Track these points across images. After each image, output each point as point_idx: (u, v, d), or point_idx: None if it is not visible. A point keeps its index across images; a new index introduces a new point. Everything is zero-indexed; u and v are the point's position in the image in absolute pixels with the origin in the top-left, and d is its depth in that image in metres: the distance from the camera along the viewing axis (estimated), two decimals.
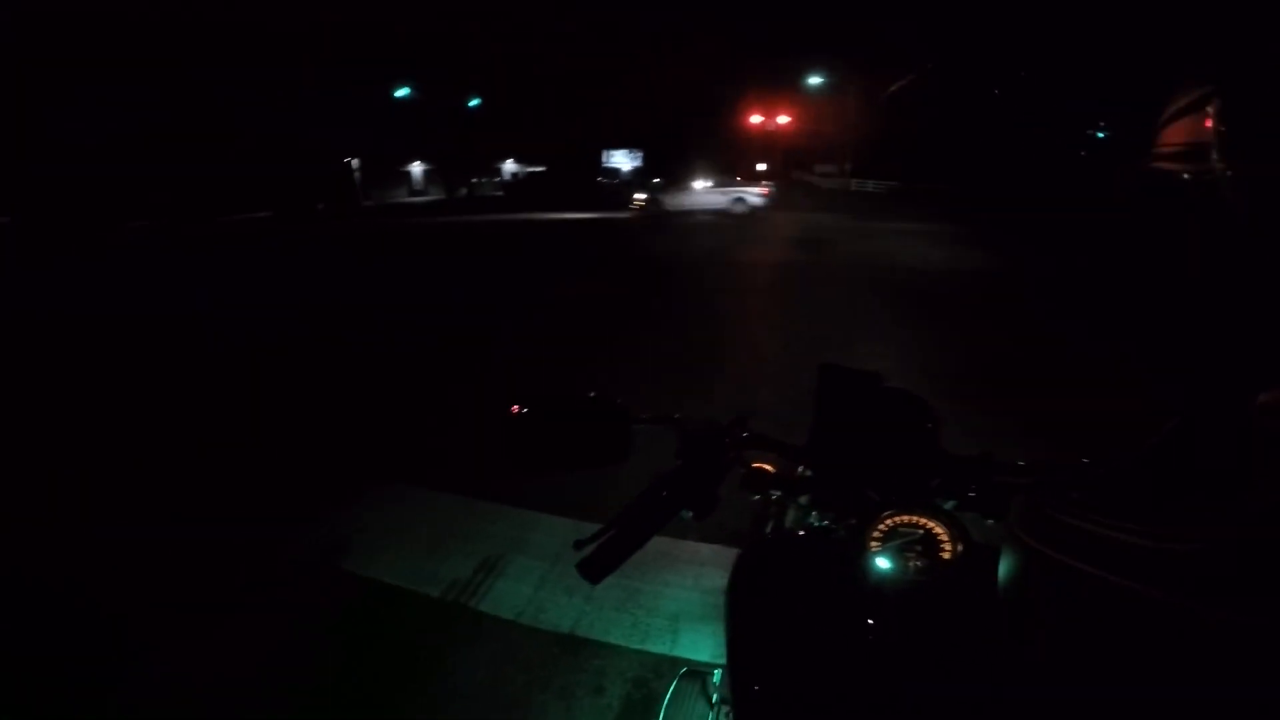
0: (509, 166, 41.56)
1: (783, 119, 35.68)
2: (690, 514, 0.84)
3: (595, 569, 0.78)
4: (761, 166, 36.80)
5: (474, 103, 37.35)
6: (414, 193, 37.32)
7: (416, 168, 37.89)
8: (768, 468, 0.89)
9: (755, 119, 35.79)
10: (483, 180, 39.34)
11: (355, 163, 31.96)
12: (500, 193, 37.49)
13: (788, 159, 38.15)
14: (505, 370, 5.41)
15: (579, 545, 0.80)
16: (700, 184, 21.67)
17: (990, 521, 0.80)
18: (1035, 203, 17.87)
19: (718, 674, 1.40)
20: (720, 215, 19.84)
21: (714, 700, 1.37)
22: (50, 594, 2.59)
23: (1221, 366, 0.55)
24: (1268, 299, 0.50)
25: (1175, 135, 0.57)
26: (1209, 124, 0.52)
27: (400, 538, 2.89)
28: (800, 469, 0.90)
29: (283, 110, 27.06)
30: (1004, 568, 0.55)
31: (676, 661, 2.10)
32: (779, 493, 0.90)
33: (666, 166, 31.99)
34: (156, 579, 2.66)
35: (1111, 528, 0.44)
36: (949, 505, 0.81)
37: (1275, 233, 0.49)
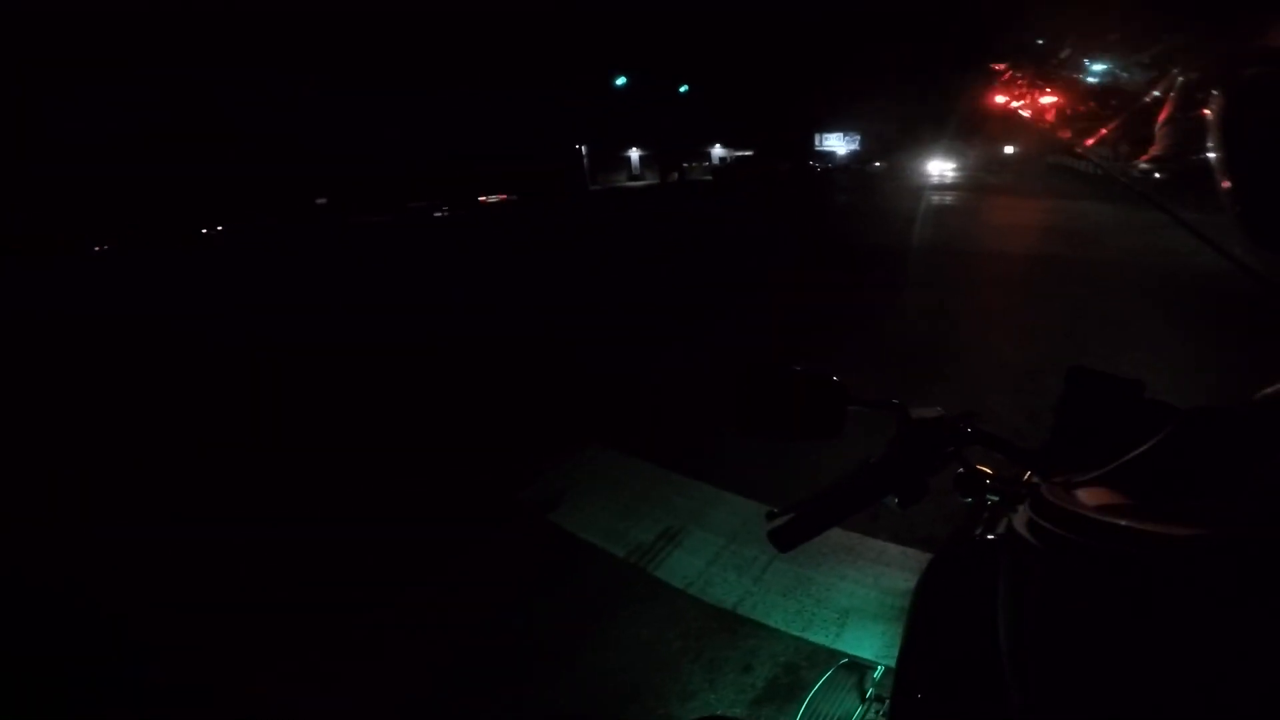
0: (717, 151, 41.85)
1: (1044, 100, 31.32)
2: (896, 500, 0.82)
3: (786, 538, 0.78)
4: (1009, 149, 33.01)
5: (683, 89, 38.11)
6: (632, 177, 39.26)
7: (634, 154, 39.75)
8: (986, 470, 0.85)
9: (1000, 100, 31.95)
10: (693, 165, 40.11)
11: (584, 149, 34.52)
12: (709, 177, 37.96)
13: (1041, 142, 33.57)
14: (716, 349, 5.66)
15: (771, 516, 0.80)
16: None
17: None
18: None
19: (880, 669, 1.40)
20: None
21: (868, 695, 1.37)
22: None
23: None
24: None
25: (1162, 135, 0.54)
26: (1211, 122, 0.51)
27: (600, 498, 3.21)
28: (1027, 476, 0.86)
29: (520, 106, 30.05)
30: (1005, 566, 0.54)
31: (835, 654, 2.09)
32: (995, 498, 0.86)
33: (888, 149, 30.06)
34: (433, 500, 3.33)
35: (1112, 527, 0.44)
36: None
37: (1272, 232, 0.48)
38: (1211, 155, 0.52)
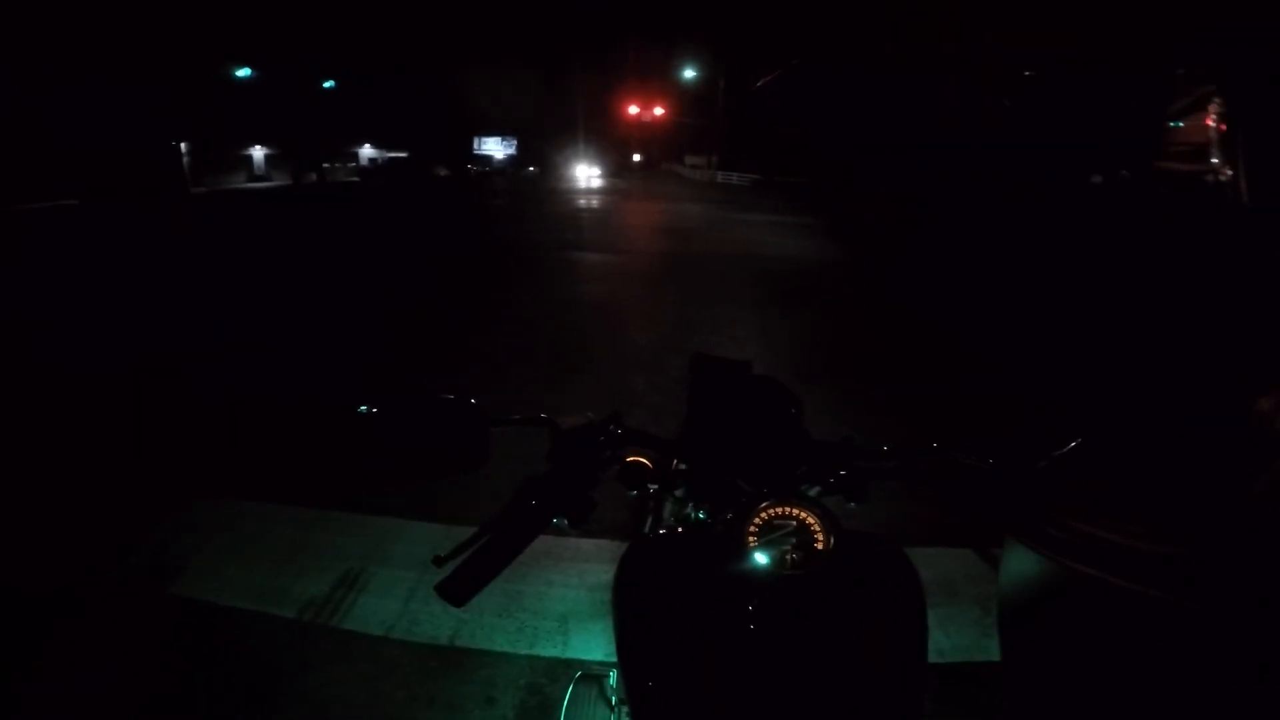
0: (366, 151, 38.88)
1: (657, 111, 36.29)
2: (565, 522, 0.78)
3: (459, 589, 0.70)
4: (637, 157, 37.32)
5: (328, 84, 34.60)
6: (255, 178, 33.78)
7: (258, 151, 34.37)
8: (644, 462, 0.86)
9: (631, 110, 36.03)
10: (335, 165, 36.53)
11: (184, 146, 28.01)
12: (356, 179, 35.03)
13: (662, 152, 38.90)
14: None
15: (439, 561, 0.73)
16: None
17: (852, 505, 0.82)
18: (883, 197, 19.07)
19: (614, 675, 1.35)
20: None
21: (614, 701, 1.34)
22: None
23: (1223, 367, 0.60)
24: (1270, 296, 0.54)
25: (1180, 135, 0.63)
26: (1210, 124, 0.57)
27: (241, 557, 2.53)
28: (675, 462, 0.89)
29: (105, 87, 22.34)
30: (1005, 570, 0.55)
31: (570, 664, 2.00)
32: (656, 486, 0.88)
33: (541, 155, 31.82)
34: None
35: (1111, 530, 0.44)
36: (815, 491, 0.83)
37: (1276, 229, 0.54)
38: (1220, 143, 0.56)
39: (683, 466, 0.88)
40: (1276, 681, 0.36)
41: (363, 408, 0.81)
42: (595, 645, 2.10)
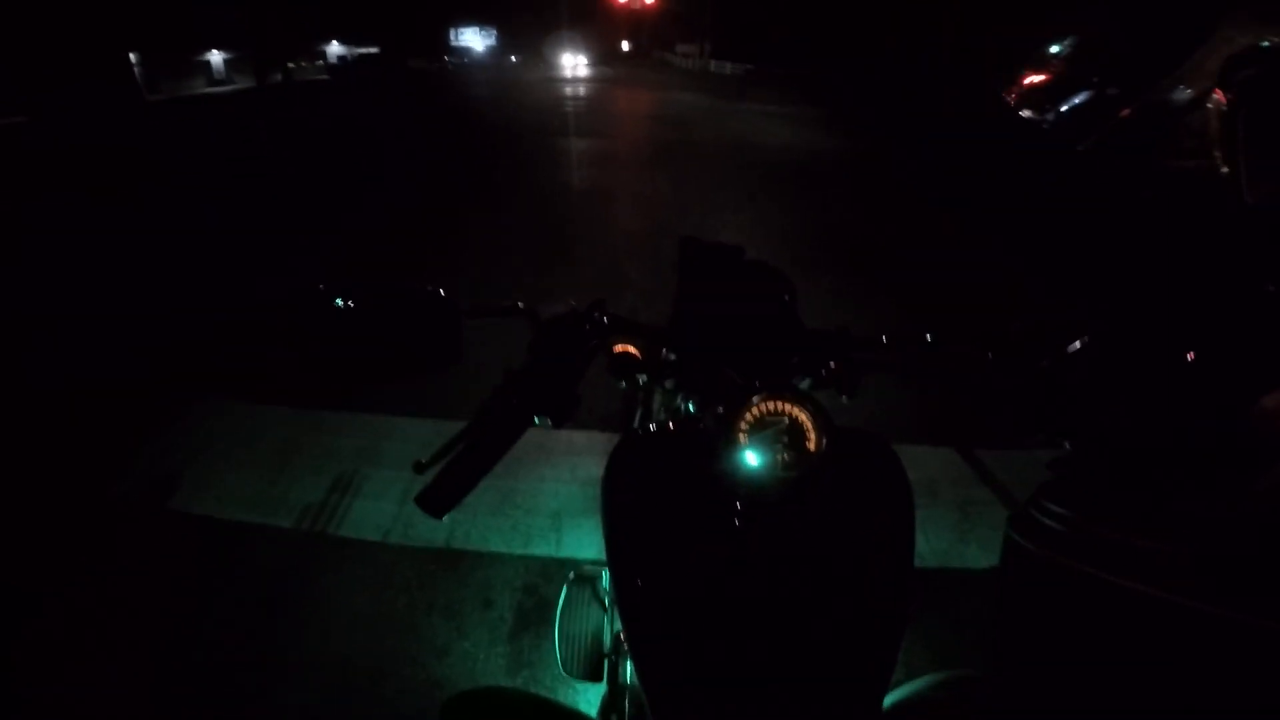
0: (334, 49, 36.54)
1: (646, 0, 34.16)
2: (549, 421, 0.73)
3: (438, 501, 0.66)
4: (626, 46, 35.48)
5: None
6: (214, 82, 31.83)
7: (216, 54, 32.19)
8: (632, 351, 0.82)
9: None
10: (302, 64, 34.42)
11: (133, 56, 25.84)
12: (326, 77, 33.09)
13: (652, 39, 36.90)
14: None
15: (420, 468, 0.68)
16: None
17: (845, 399, 0.79)
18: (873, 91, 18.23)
19: (606, 574, 1.35)
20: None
21: (607, 601, 1.35)
22: None
23: (1221, 364, 0.56)
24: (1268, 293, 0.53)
25: (1182, 131, 0.59)
26: (1211, 121, 0.51)
27: (236, 465, 2.53)
28: (664, 351, 0.84)
29: None
30: (1003, 570, 0.55)
31: (564, 563, 2.03)
32: (645, 377, 0.83)
33: (522, 45, 30.14)
34: None
35: (1112, 529, 0.44)
36: (807, 384, 0.80)
37: (1270, 192, 0.50)
38: (1220, 138, 0.58)
39: (672, 356, 0.84)
40: (1276, 681, 0.37)
41: (322, 296, 0.74)
42: (588, 543, 2.13)
